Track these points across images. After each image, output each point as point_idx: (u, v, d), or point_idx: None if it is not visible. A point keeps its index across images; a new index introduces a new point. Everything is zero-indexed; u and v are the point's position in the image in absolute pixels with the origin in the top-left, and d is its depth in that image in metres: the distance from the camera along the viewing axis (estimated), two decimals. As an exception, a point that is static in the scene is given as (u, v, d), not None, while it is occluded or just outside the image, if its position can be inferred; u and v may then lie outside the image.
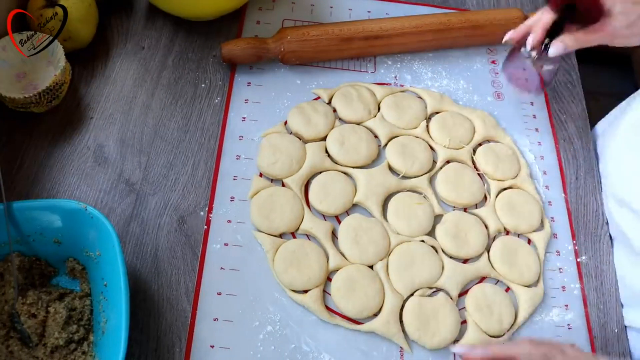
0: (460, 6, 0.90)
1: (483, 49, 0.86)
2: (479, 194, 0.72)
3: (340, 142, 0.73)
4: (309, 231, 0.67)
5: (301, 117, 0.74)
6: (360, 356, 0.62)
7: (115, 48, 0.79)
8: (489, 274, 0.67)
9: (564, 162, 0.78)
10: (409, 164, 0.73)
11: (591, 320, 0.67)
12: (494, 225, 0.71)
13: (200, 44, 0.81)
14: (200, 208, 0.68)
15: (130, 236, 0.66)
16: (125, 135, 0.72)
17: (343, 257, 0.66)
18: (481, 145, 0.77)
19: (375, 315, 0.64)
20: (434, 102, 0.78)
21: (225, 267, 0.65)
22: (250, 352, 0.61)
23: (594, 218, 0.74)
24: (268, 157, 0.71)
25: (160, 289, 0.63)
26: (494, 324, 0.64)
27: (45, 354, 0.56)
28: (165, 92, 0.76)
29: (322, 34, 0.78)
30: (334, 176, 0.71)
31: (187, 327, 0.61)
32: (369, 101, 0.77)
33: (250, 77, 0.79)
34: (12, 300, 0.58)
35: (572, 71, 0.86)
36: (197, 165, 0.71)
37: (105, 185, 0.69)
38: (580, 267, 0.70)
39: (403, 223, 0.68)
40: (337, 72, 0.81)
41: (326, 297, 0.64)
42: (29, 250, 0.60)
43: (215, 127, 0.74)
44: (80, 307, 0.59)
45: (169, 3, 0.76)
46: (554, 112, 0.82)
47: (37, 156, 0.70)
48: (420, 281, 0.65)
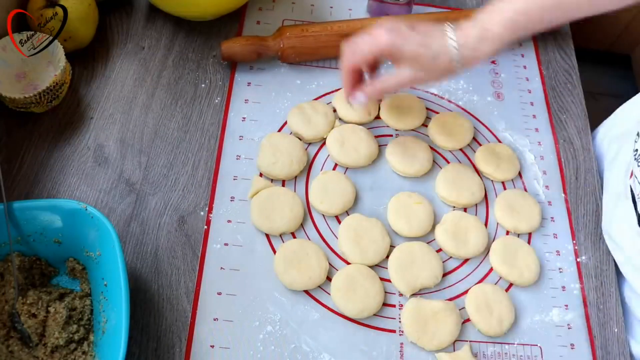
0: (460, 6, 0.90)
1: (483, 49, 0.86)
2: (479, 194, 0.72)
3: (340, 142, 0.73)
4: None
5: (301, 117, 0.74)
6: (360, 356, 0.62)
7: (115, 48, 0.79)
8: (489, 273, 0.68)
9: (564, 162, 0.78)
10: (409, 164, 0.73)
11: (591, 320, 0.67)
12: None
13: (200, 44, 0.81)
14: (200, 208, 0.68)
15: (131, 236, 0.66)
16: (126, 135, 0.73)
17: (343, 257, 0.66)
18: (481, 145, 0.77)
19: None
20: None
21: (225, 267, 0.65)
22: (250, 352, 0.61)
23: (594, 218, 0.74)
24: (268, 157, 0.71)
25: (161, 289, 0.63)
26: (494, 324, 0.64)
27: (46, 353, 0.57)
28: (166, 92, 0.76)
29: (321, 31, 0.78)
30: (334, 176, 0.71)
31: (187, 327, 0.61)
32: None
33: (250, 77, 0.79)
34: (12, 300, 0.58)
35: (572, 71, 0.86)
36: (197, 165, 0.71)
37: (106, 185, 0.69)
38: (580, 267, 0.70)
39: (403, 223, 0.69)
40: (337, 72, 0.81)
41: (326, 297, 0.65)
42: (29, 250, 0.60)
43: (215, 127, 0.74)
44: (81, 307, 0.59)
45: (169, 3, 0.76)
46: (554, 112, 0.82)
47: (37, 156, 0.70)
48: (422, 281, 0.65)
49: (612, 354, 0.66)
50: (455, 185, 0.72)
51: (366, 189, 0.72)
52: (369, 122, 0.77)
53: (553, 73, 0.86)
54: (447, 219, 0.70)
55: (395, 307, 0.65)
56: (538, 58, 0.87)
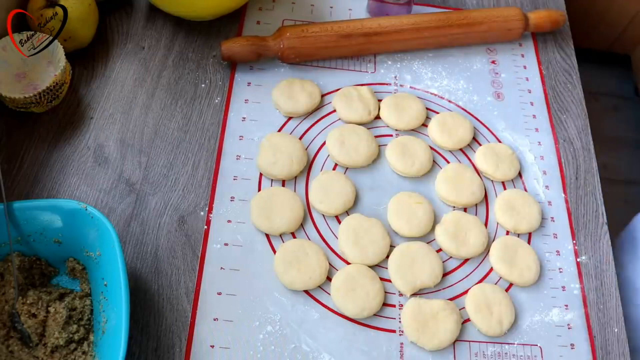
0: (460, 6, 0.90)
1: (483, 49, 0.86)
2: (479, 194, 0.72)
3: (341, 142, 0.73)
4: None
5: (285, 90, 0.75)
6: (360, 356, 0.62)
7: (115, 48, 0.79)
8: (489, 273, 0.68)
9: (564, 162, 0.78)
10: (409, 164, 0.73)
11: (591, 320, 0.67)
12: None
13: (200, 44, 0.81)
14: (200, 208, 0.68)
15: (130, 236, 0.66)
16: (126, 135, 0.73)
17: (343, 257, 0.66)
18: (481, 145, 0.77)
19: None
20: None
21: (225, 267, 0.65)
22: (250, 352, 0.61)
23: (594, 218, 0.74)
24: (268, 157, 0.71)
25: (160, 289, 0.63)
26: (493, 324, 0.64)
27: (46, 353, 0.57)
28: (166, 92, 0.76)
29: (321, 31, 0.78)
30: (334, 176, 0.71)
31: (187, 327, 0.61)
32: (369, 101, 0.77)
33: (251, 77, 0.79)
34: (12, 300, 0.58)
35: (572, 71, 0.86)
36: (197, 165, 0.71)
37: (106, 185, 0.69)
38: (580, 267, 0.70)
39: (403, 223, 0.69)
40: (337, 72, 0.81)
41: (326, 297, 0.65)
42: (29, 250, 0.60)
43: (215, 127, 0.74)
44: (81, 307, 0.59)
45: (169, 3, 0.76)
46: (554, 112, 0.82)
47: (37, 156, 0.70)
48: (422, 281, 0.65)
49: (612, 354, 0.66)
50: (455, 185, 0.72)
51: (366, 189, 0.72)
52: (369, 122, 0.77)
53: (553, 73, 0.86)
54: (447, 219, 0.70)
55: (395, 307, 0.65)
56: (538, 58, 0.87)
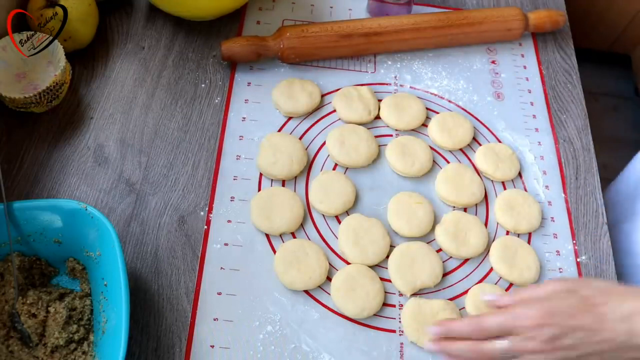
0: (460, 6, 0.90)
1: (483, 49, 0.86)
2: (479, 194, 0.72)
3: (341, 142, 0.73)
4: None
5: (285, 90, 0.75)
6: (360, 356, 0.62)
7: (115, 48, 0.79)
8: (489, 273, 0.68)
9: (564, 162, 0.78)
10: (409, 164, 0.73)
11: (591, 320, 0.67)
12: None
13: (200, 44, 0.81)
14: (200, 208, 0.68)
15: (130, 236, 0.66)
16: (126, 135, 0.73)
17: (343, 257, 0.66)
18: (481, 145, 0.77)
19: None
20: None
21: (225, 267, 0.65)
22: (250, 352, 0.61)
23: (594, 218, 0.74)
24: (268, 157, 0.71)
25: (160, 289, 0.63)
26: (494, 324, 0.64)
27: (46, 353, 0.57)
28: (166, 92, 0.76)
29: (321, 31, 0.78)
30: (334, 176, 0.71)
31: (187, 327, 0.61)
32: (369, 101, 0.77)
33: (251, 77, 0.79)
34: (12, 300, 0.58)
35: (572, 71, 0.86)
36: (197, 165, 0.71)
37: (106, 185, 0.69)
38: (580, 267, 0.70)
39: (403, 223, 0.69)
40: (337, 72, 0.81)
41: (326, 297, 0.65)
42: (29, 250, 0.60)
43: (215, 127, 0.74)
44: (81, 307, 0.59)
45: (169, 3, 0.76)
46: (554, 112, 0.82)
47: (37, 156, 0.70)
48: (422, 281, 0.65)
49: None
50: (455, 185, 0.72)
51: (366, 189, 0.72)
52: (369, 122, 0.77)
53: (553, 73, 0.86)
54: (447, 219, 0.70)
55: (395, 307, 0.65)
56: (538, 58, 0.87)
